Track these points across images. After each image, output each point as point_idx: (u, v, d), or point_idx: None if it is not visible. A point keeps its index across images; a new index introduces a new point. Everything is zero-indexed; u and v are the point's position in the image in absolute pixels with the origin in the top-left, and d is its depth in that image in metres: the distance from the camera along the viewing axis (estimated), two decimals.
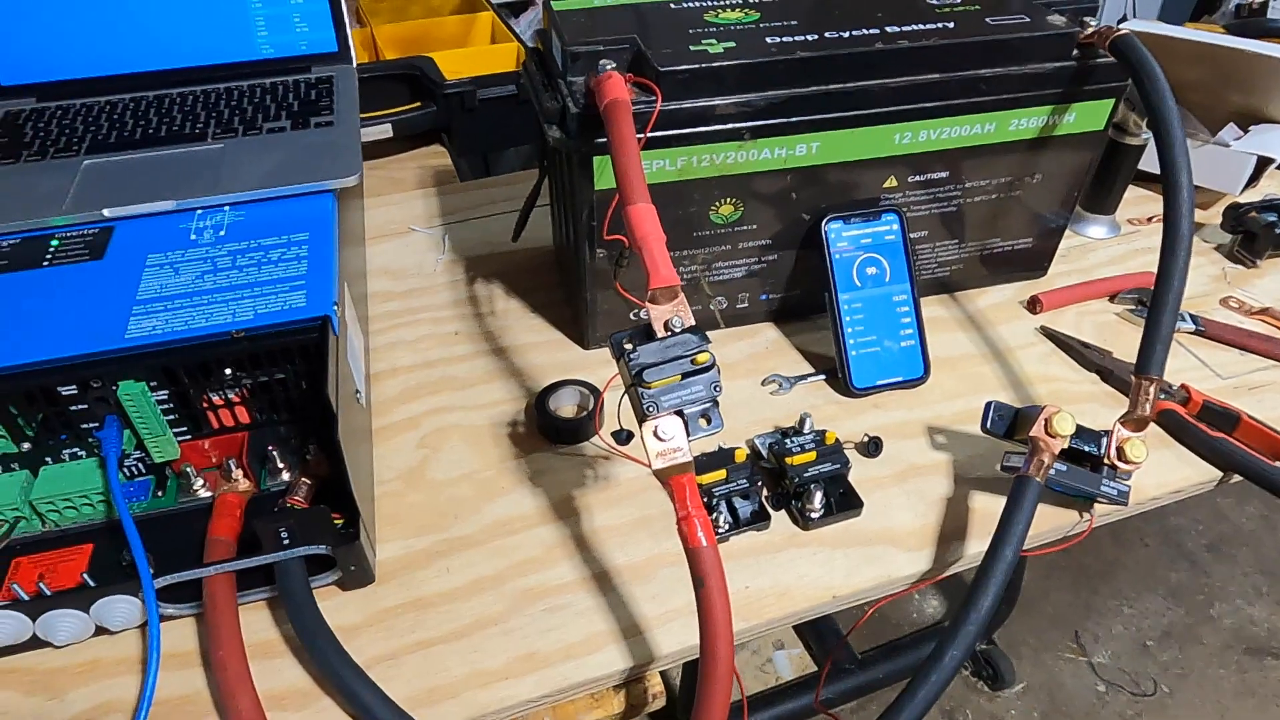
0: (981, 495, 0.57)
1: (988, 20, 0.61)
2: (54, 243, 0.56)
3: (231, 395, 0.53)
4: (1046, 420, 0.52)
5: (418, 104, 0.93)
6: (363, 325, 0.66)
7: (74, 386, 0.49)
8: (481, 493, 0.57)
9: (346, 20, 0.75)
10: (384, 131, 0.90)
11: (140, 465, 0.54)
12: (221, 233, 0.57)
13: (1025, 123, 0.63)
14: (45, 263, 0.55)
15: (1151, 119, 0.55)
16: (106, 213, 0.58)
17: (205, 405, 0.53)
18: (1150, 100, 0.55)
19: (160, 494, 0.54)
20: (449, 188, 0.90)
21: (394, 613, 0.50)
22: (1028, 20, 0.61)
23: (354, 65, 0.76)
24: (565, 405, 0.62)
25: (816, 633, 1.29)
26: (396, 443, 0.60)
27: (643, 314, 0.66)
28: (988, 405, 0.55)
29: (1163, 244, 0.53)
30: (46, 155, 0.63)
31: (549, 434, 0.61)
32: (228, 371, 0.52)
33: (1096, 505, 0.56)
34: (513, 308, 0.73)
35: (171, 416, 0.52)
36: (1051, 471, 0.52)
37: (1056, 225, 0.72)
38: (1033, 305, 0.72)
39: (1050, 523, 0.55)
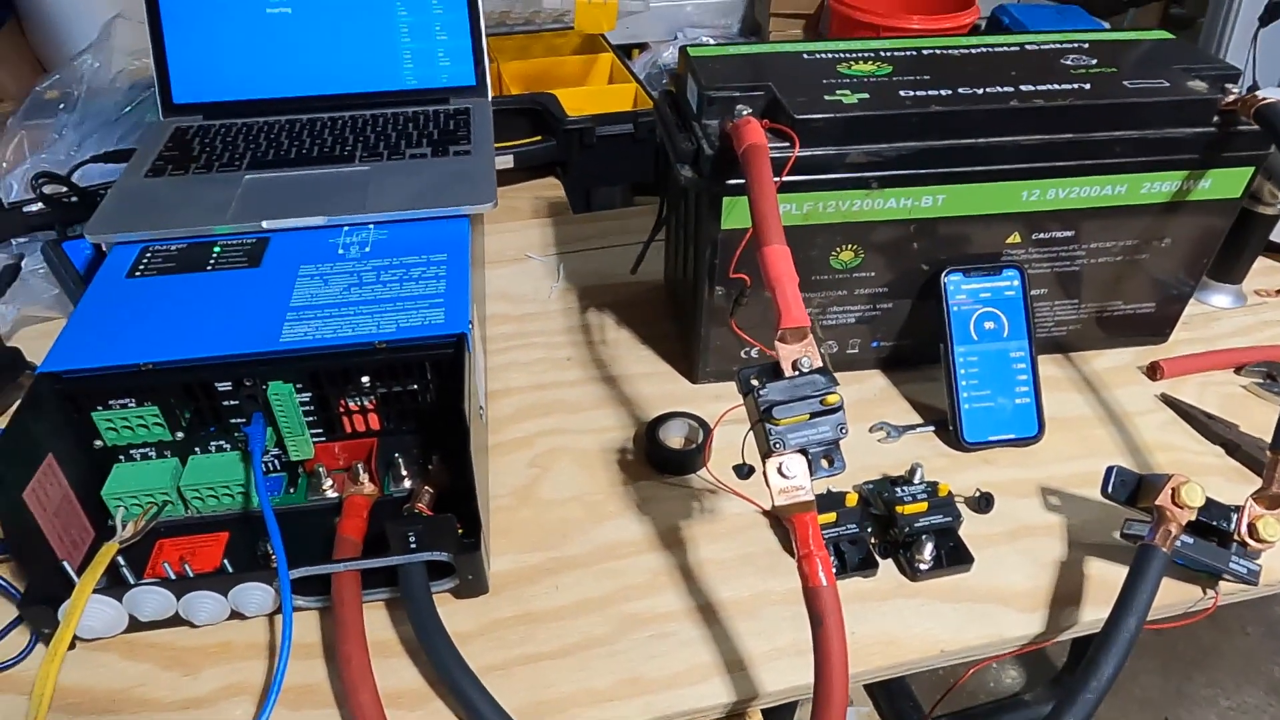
0: (1098, 561, 0.56)
1: (1125, 83, 0.61)
2: (216, 249, 0.61)
3: (366, 402, 0.56)
4: (1174, 490, 0.50)
5: (539, 137, 0.97)
6: (483, 345, 0.69)
7: (229, 383, 0.53)
8: (590, 515, 0.58)
9: (486, 58, 0.79)
10: (506, 162, 0.94)
11: (277, 462, 0.57)
12: (366, 249, 0.61)
13: (1158, 186, 0.62)
14: (209, 267, 0.59)
15: None
16: (265, 224, 0.62)
17: (341, 410, 0.56)
18: None
19: (292, 490, 0.57)
20: (563, 219, 0.93)
21: (505, 624, 0.51)
22: (1167, 85, 0.60)
23: (489, 99, 0.80)
24: (674, 436, 0.64)
25: (888, 693, 1.26)
26: (510, 460, 0.62)
27: (753, 352, 0.67)
28: (1109, 470, 0.54)
29: None
30: (212, 169, 0.69)
31: (657, 463, 0.62)
32: (365, 380, 0.55)
33: (1222, 583, 0.54)
34: (623, 338, 0.75)
35: (310, 418, 0.55)
36: (1178, 544, 0.50)
37: (1181, 292, 0.71)
38: (1153, 371, 0.70)
39: (1171, 596, 0.54)
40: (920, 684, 1.28)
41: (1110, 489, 0.54)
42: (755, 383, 0.46)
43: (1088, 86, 0.60)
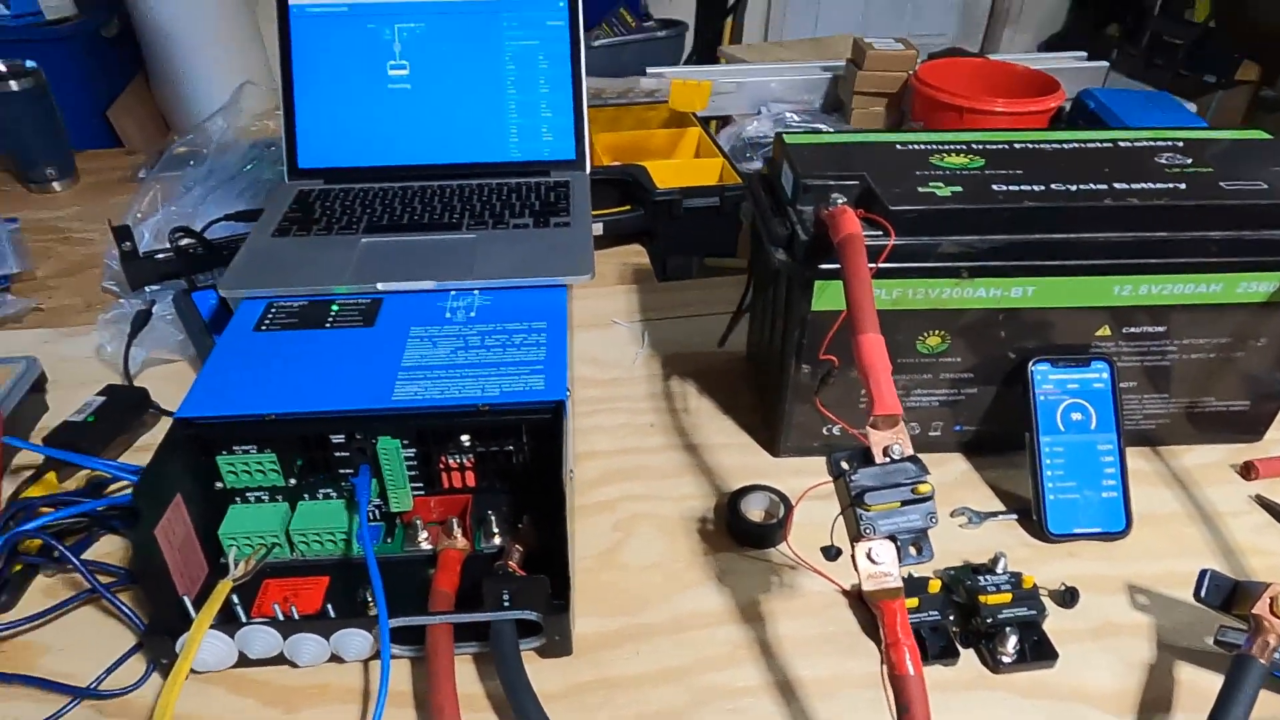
0: (1189, 667, 0.54)
1: (1221, 184, 0.61)
2: (335, 308, 0.65)
3: (464, 460, 0.59)
4: (1273, 599, 0.49)
5: (629, 207, 1.01)
6: (572, 409, 0.72)
7: (342, 436, 0.56)
8: (671, 583, 0.60)
9: (587, 133, 0.84)
10: (596, 229, 0.97)
11: (377, 511, 0.60)
12: (472, 314, 0.65)
13: (1254, 286, 0.62)
14: (328, 324, 0.64)
15: None
16: (379, 286, 0.66)
17: (441, 466, 0.59)
18: None
19: (389, 540, 0.60)
20: (648, 286, 0.96)
21: (586, 688, 0.52)
22: (1264, 187, 0.61)
23: (588, 173, 0.84)
24: (754, 509, 0.65)
25: None
26: (594, 522, 0.64)
27: (835, 429, 0.68)
28: (1203, 573, 0.53)
29: None
30: (331, 231, 0.74)
31: (737, 535, 0.63)
32: (465, 440, 0.58)
33: None
34: (704, 407, 0.77)
35: (412, 472, 0.58)
36: (1277, 655, 0.49)
37: (1277, 391, 0.69)
38: (1247, 471, 0.69)
39: (1269, 710, 0.52)
40: None
41: (1204, 593, 0.53)
42: (846, 467, 0.47)
43: (1183, 186, 0.61)
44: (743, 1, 2.53)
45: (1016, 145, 0.67)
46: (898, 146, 0.67)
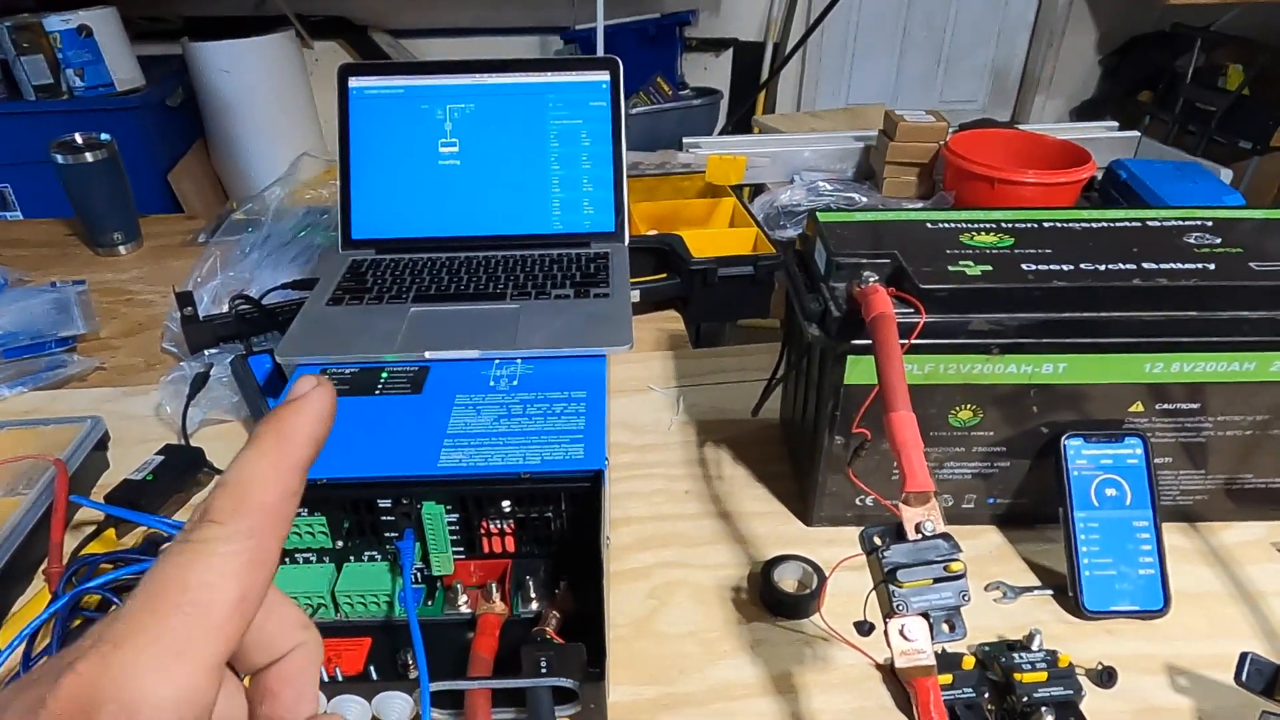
0: None
1: (1251, 265, 0.62)
2: (384, 375, 0.68)
3: (505, 526, 0.61)
4: None
5: (664, 275, 1.04)
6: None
7: (390, 500, 0.58)
8: (705, 652, 0.60)
9: (627, 208, 0.87)
10: (634, 296, 1.01)
11: (419, 574, 0.62)
12: (514, 382, 0.67)
13: None
14: (377, 391, 0.67)
15: None
16: (427, 354, 0.69)
17: (482, 532, 0.61)
18: None
19: (430, 603, 0.61)
20: (683, 352, 0.98)
21: None
22: None
23: (627, 244, 0.87)
24: (788, 579, 0.65)
25: None
26: (629, 589, 0.65)
27: (868, 500, 0.69)
28: (1243, 656, 0.53)
29: None
30: (382, 300, 0.77)
31: (771, 605, 0.64)
32: (505, 505, 0.60)
33: None
34: (739, 474, 0.78)
35: (454, 537, 0.60)
36: None
37: None
38: None
39: None
40: None
41: (1245, 677, 0.52)
42: (878, 542, 0.48)
43: (1212, 267, 0.62)
44: (777, 72, 2.60)
45: (1045, 224, 0.69)
46: (928, 225, 0.69)
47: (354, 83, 0.88)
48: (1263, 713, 0.51)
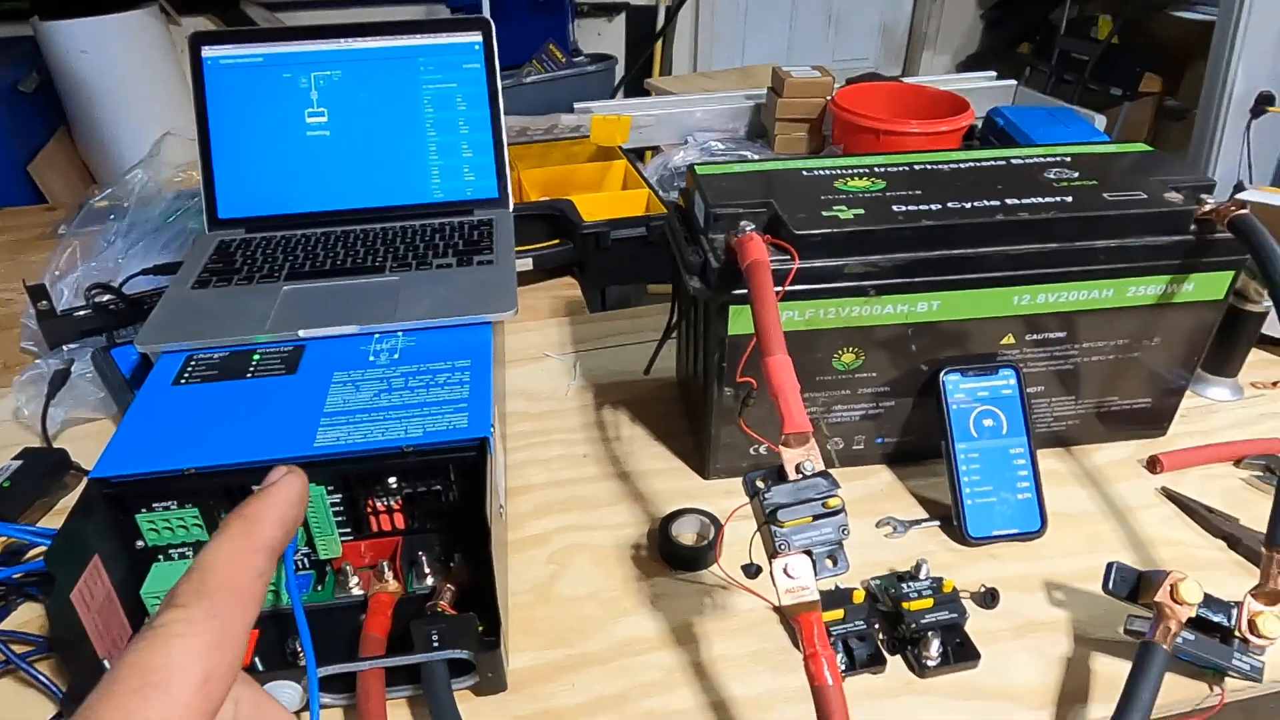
0: (1104, 658, 0.56)
1: (1105, 195, 0.65)
2: (256, 357, 0.65)
3: (392, 502, 0.59)
4: (1172, 586, 0.52)
5: (557, 241, 1.02)
6: (503, 443, 0.72)
7: None
8: (606, 612, 0.60)
9: (508, 172, 0.85)
10: (525, 264, 0.99)
11: (305, 560, 0.59)
12: (395, 356, 0.65)
13: (1143, 290, 0.66)
14: (249, 374, 0.63)
15: (1273, 296, 0.57)
16: (301, 333, 0.66)
17: (369, 510, 0.59)
18: (1272, 279, 0.57)
19: (319, 588, 0.59)
20: (579, 318, 0.97)
21: None
22: (1144, 197, 0.64)
23: (511, 210, 0.85)
24: (686, 533, 0.66)
25: None
26: (529, 556, 0.65)
27: (762, 449, 0.70)
28: (1110, 566, 0.56)
29: None
30: (253, 280, 0.74)
31: (670, 560, 0.64)
32: (392, 481, 0.58)
33: (1228, 680, 0.54)
34: (637, 434, 0.78)
35: (339, 518, 0.58)
36: (1179, 640, 0.51)
37: (1176, 386, 0.73)
38: (1153, 465, 0.72)
39: (1178, 694, 0.54)
40: None
41: (1111, 585, 0.55)
42: (760, 485, 0.48)
43: (1069, 199, 0.64)
44: (669, 34, 2.59)
45: (916, 167, 0.70)
46: (804, 173, 0.69)
47: (208, 52, 0.82)
48: (1129, 616, 0.54)
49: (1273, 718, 1.50)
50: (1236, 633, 0.53)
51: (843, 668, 0.55)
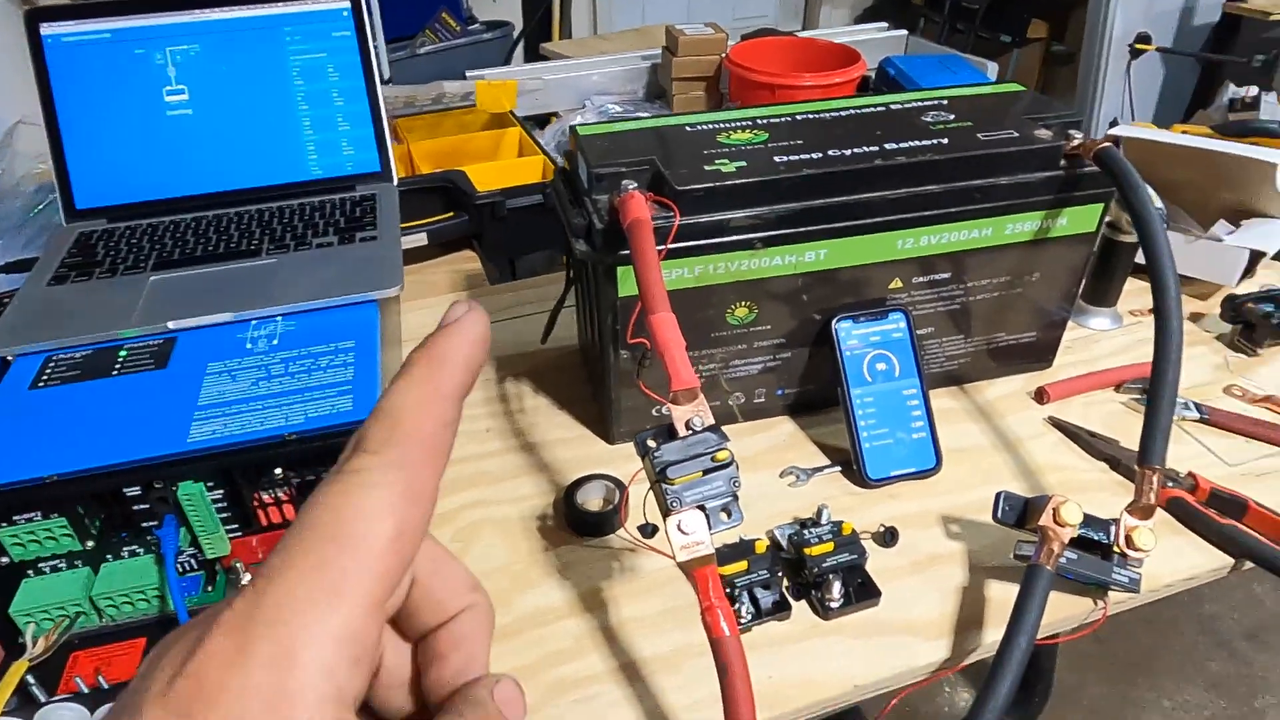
0: (997, 584, 0.59)
1: (979, 136, 0.66)
2: (122, 353, 0.61)
3: (280, 494, 0.56)
4: (1054, 510, 0.54)
5: (451, 214, 0.99)
6: None
7: (138, 488, 0.53)
8: (514, 585, 0.59)
9: (389, 144, 0.82)
10: (420, 240, 0.96)
11: (193, 561, 0.57)
12: (274, 341, 0.62)
13: (1020, 226, 0.67)
14: (114, 372, 0.60)
15: (1136, 226, 0.59)
16: (170, 325, 0.63)
17: (256, 504, 0.56)
18: (1134, 209, 0.59)
19: (210, 589, 0.57)
20: (480, 291, 0.95)
21: None
22: (1015, 135, 0.66)
23: (395, 183, 0.82)
24: (592, 499, 0.65)
25: None
26: (433, 535, 0.63)
27: (664, 409, 0.69)
28: (998, 496, 0.58)
29: (1155, 341, 0.56)
30: (116, 272, 0.69)
31: (576, 527, 0.63)
32: (278, 471, 0.55)
33: (1111, 593, 0.57)
34: (541, 405, 0.76)
35: (224, 514, 0.56)
36: (1062, 560, 0.53)
37: (1058, 319, 0.76)
38: (1040, 396, 0.75)
39: (1065, 611, 0.57)
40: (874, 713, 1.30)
41: (999, 514, 0.57)
42: (651, 444, 0.48)
43: (945, 141, 0.65)
44: None
45: (798, 117, 0.70)
46: (687, 129, 0.69)
47: (47, 30, 0.76)
48: (1017, 541, 0.56)
49: (1170, 627, 1.61)
50: (1115, 548, 0.55)
51: (749, 617, 0.55)
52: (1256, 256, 0.86)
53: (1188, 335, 0.83)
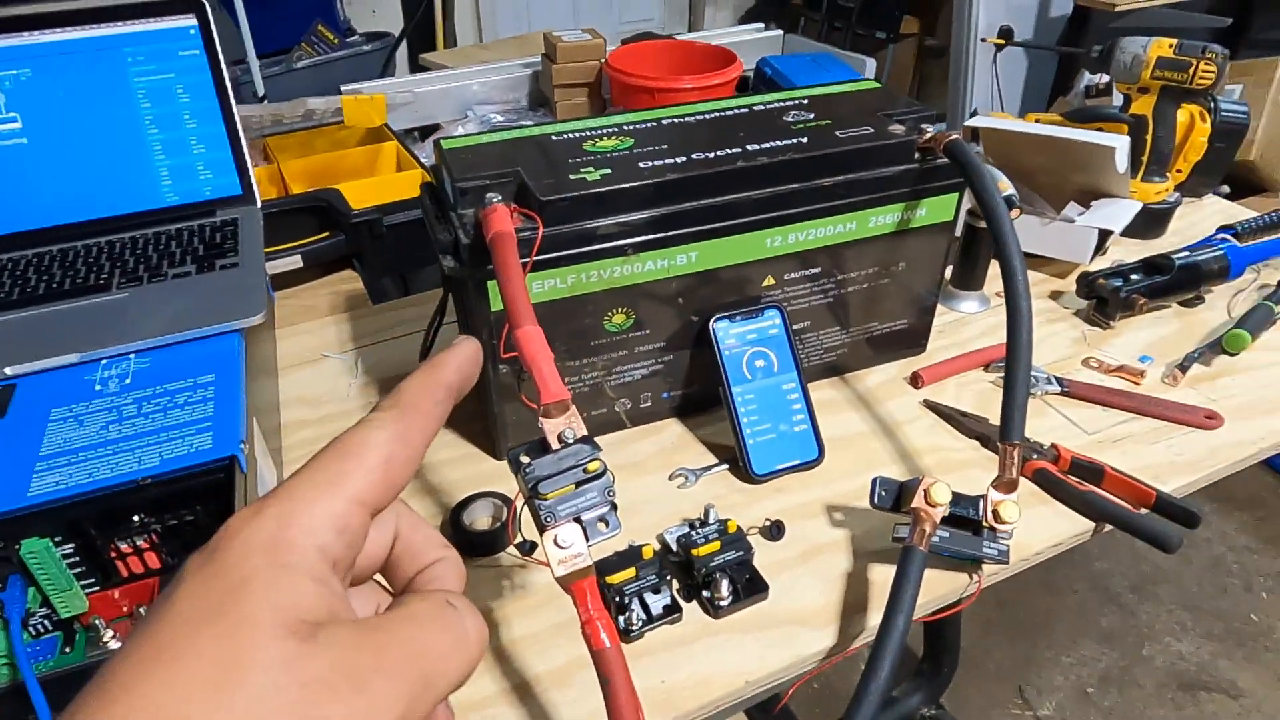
0: (879, 567, 0.60)
1: (837, 134, 0.68)
2: None
3: (141, 541, 0.53)
4: (925, 491, 0.56)
5: (326, 234, 0.96)
6: (276, 457, 0.67)
7: None
8: None
9: (249, 165, 0.79)
10: (294, 263, 0.92)
11: (46, 622, 0.53)
12: (127, 381, 0.59)
13: (882, 219, 0.70)
14: None
15: (983, 212, 0.62)
16: (8, 370, 0.59)
17: (114, 555, 0.53)
18: (979, 196, 0.62)
19: (68, 650, 0.53)
20: (361, 311, 0.92)
21: None
22: (871, 131, 0.68)
23: (258, 206, 0.79)
24: (480, 517, 0.64)
25: (763, 709, 1.29)
26: None
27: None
28: (874, 482, 0.59)
29: (1008, 323, 0.59)
30: None
31: (465, 548, 0.62)
32: (136, 519, 0.52)
33: (985, 566, 0.60)
34: None
35: (78, 569, 0.52)
36: (935, 539, 0.55)
37: (928, 305, 0.79)
38: (915, 381, 0.78)
39: (945, 587, 0.59)
40: (797, 696, 1.33)
41: (876, 500, 0.59)
42: (524, 460, 0.47)
43: (805, 140, 0.67)
44: (449, 6, 2.50)
45: (664, 122, 0.71)
46: (553, 138, 0.68)
47: None
48: (895, 525, 0.58)
49: (1066, 586, 1.69)
50: (984, 523, 0.58)
51: (640, 624, 0.55)
52: (1106, 235, 0.91)
53: (1048, 313, 0.88)
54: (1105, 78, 2.12)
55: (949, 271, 0.87)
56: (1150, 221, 0.99)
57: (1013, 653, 1.58)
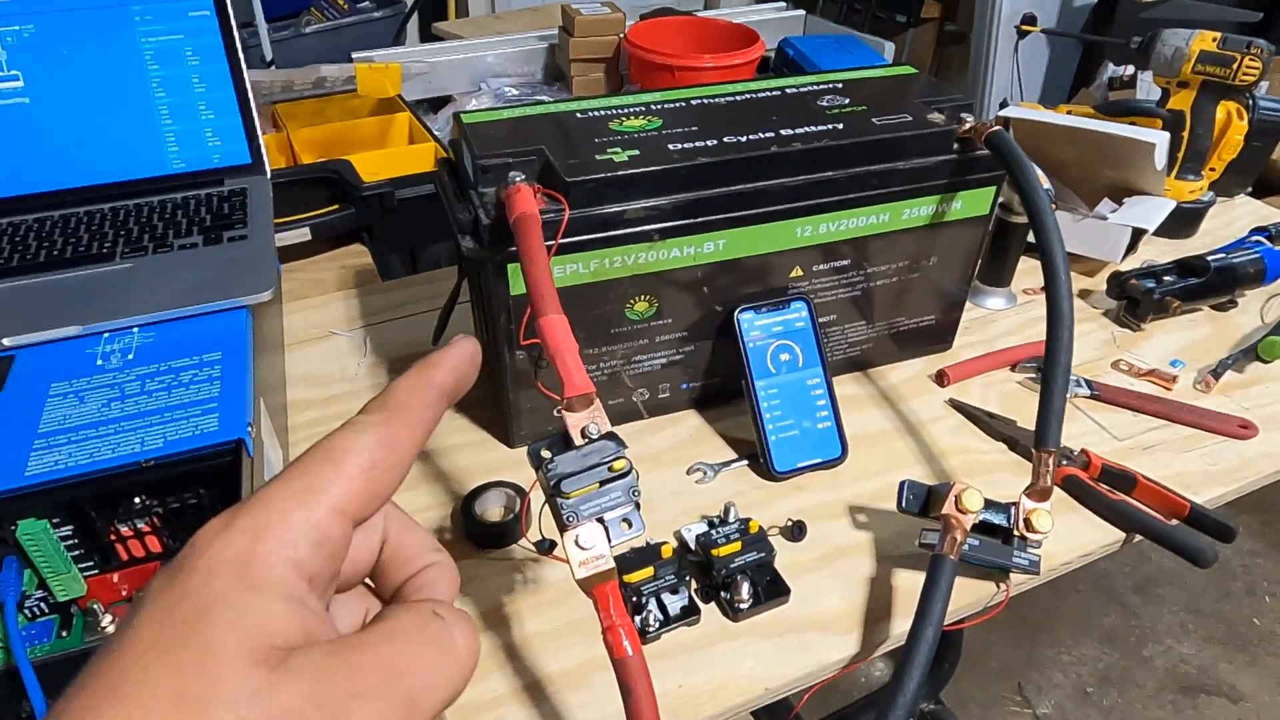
0: (904, 572, 0.58)
1: (874, 120, 0.65)
2: None
3: (141, 525, 0.51)
4: (956, 498, 0.54)
5: (336, 206, 0.93)
6: (282, 437, 0.65)
7: None
8: None
9: (259, 132, 0.76)
10: (303, 235, 0.90)
11: (43, 605, 0.51)
12: (130, 356, 0.56)
13: (916, 211, 0.67)
14: None
15: (1027, 209, 0.59)
16: (6, 341, 0.56)
17: (113, 537, 0.51)
18: (1025, 194, 0.59)
19: (65, 634, 0.51)
20: (370, 288, 0.90)
21: None
22: (910, 119, 0.65)
23: (268, 176, 0.76)
24: (492, 508, 0.62)
25: (770, 711, 1.28)
26: None
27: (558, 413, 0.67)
28: (901, 485, 0.57)
29: (1048, 325, 0.57)
30: None
31: (476, 539, 0.60)
32: (137, 501, 0.50)
33: (1013, 575, 0.58)
34: None
35: (77, 552, 0.50)
36: (965, 547, 0.53)
37: (957, 300, 0.76)
38: (940, 379, 0.75)
39: (971, 595, 0.57)
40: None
41: (904, 504, 0.57)
42: (546, 455, 0.45)
43: (840, 126, 0.64)
44: None
45: (693, 102, 0.68)
46: (578, 115, 0.65)
47: None
48: (921, 529, 0.56)
49: (1069, 585, 1.68)
50: (1015, 532, 0.56)
51: (658, 625, 0.54)
52: (1139, 234, 0.89)
53: (1077, 313, 0.86)
54: (1130, 69, 2.08)
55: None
56: (1182, 221, 0.97)
57: (1014, 650, 1.57)
